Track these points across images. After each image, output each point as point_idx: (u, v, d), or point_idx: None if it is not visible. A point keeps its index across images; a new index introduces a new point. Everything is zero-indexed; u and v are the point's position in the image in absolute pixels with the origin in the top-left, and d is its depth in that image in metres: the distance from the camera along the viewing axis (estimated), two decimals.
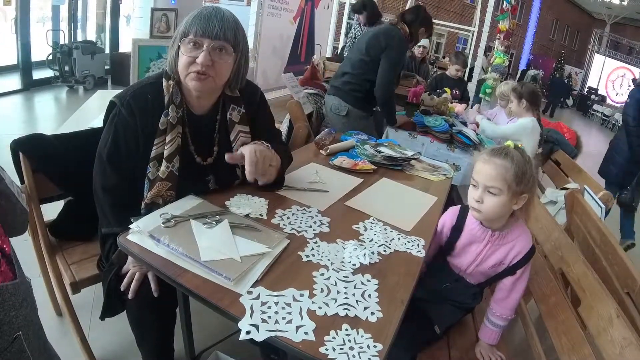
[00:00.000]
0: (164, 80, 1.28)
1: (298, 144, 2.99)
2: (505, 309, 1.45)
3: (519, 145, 1.37)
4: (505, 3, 6.35)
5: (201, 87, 1.23)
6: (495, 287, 1.51)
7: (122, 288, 1.21)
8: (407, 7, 10.35)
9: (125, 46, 7.60)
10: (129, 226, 1.09)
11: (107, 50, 7.81)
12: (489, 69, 6.25)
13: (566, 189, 2.44)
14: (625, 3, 21.04)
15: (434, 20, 3.01)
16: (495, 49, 6.32)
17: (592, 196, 2.22)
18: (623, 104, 3.98)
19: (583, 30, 26.64)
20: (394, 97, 2.86)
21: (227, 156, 1.28)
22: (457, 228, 1.47)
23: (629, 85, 20.47)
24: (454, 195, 2.75)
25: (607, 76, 22.02)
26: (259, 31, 4.11)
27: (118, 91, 1.30)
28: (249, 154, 1.23)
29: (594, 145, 10.99)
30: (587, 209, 1.92)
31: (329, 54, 5.87)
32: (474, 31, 9.46)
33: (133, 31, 2.73)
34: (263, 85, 4.51)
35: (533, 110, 2.92)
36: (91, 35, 8.02)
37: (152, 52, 2.42)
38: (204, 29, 1.19)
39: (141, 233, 1.06)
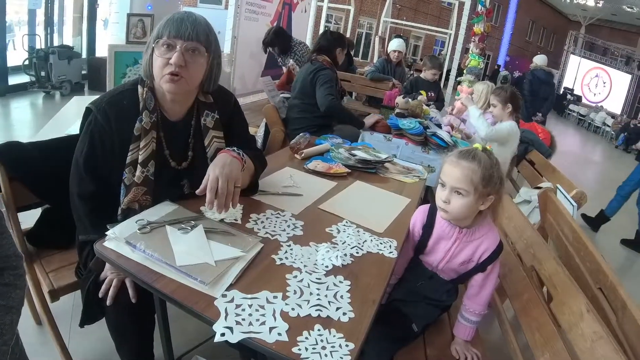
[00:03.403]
0: (139, 86, 1.31)
1: (275, 148, 3.03)
2: (477, 304, 1.51)
3: (487, 148, 1.43)
4: (480, 6, 6.48)
5: (175, 89, 1.26)
6: (467, 285, 1.56)
7: (100, 295, 1.23)
8: (385, 10, 10.53)
9: (102, 51, 7.51)
10: (106, 233, 1.11)
11: (84, 55, 7.70)
12: (464, 71, 6.37)
13: (540, 188, 2.52)
14: (600, 5, 21.67)
15: (411, 24, 3.22)
16: (470, 52, 6.45)
17: (564, 195, 2.30)
18: (598, 104, 4.37)
19: (559, 32, 27.28)
20: (339, 106, 3.03)
21: (197, 192, 1.27)
22: (429, 225, 1.51)
23: (604, 84, 21.15)
24: (430, 197, 2.81)
25: (583, 77, 22.61)
26: (236, 35, 4.12)
27: (95, 97, 1.32)
28: (210, 182, 1.22)
29: (571, 145, 11.28)
30: (559, 208, 2.00)
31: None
32: (451, 34, 9.64)
33: (109, 36, 2.73)
34: (240, 89, 4.52)
35: (515, 115, 3.01)
36: (68, 40, 7.90)
37: (129, 58, 2.43)
38: (177, 31, 1.22)
39: (117, 239, 1.08)
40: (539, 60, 6.04)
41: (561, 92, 22.14)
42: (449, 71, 7.07)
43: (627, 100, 22.91)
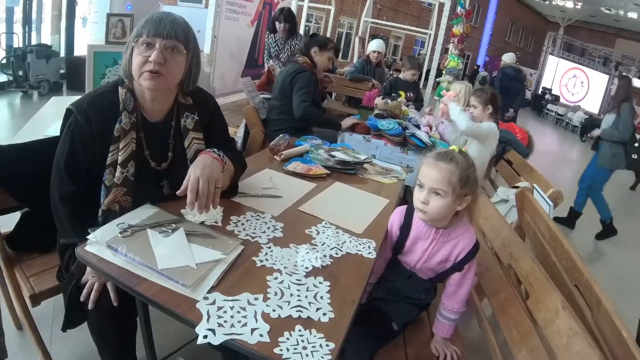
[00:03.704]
0: (119, 87, 1.32)
1: (254, 149, 3.05)
2: (455, 302, 1.55)
3: (463, 150, 1.48)
4: (459, 8, 6.60)
5: (154, 86, 1.27)
6: (445, 284, 1.61)
7: (81, 299, 1.23)
8: (365, 10, 10.59)
9: (80, 50, 7.39)
10: (87, 237, 1.11)
11: (63, 54, 7.55)
12: (444, 72, 6.48)
13: (517, 187, 2.58)
14: (578, 7, 22.24)
15: (392, 24, 3.24)
16: (449, 53, 6.56)
17: (540, 194, 2.37)
18: (575, 104, 4.54)
19: (538, 33, 27.83)
20: (314, 110, 3.04)
21: (178, 193, 1.28)
22: (406, 226, 1.55)
23: (582, 84, 21.67)
24: (408, 196, 2.86)
25: (561, 77, 23.10)
26: (216, 34, 4.11)
27: (74, 97, 1.33)
28: (191, 183, 1.23)
29: (548, 144, 11.50)
30: (536, 207, 2.06)
31: None
32: (430, 34, 9.76)
33: (88, 36, 2.70)
34: (220, 89, 4.50)
35: (495, 116, 3.07)
36: (46, 38, 7.71)
37: (108, 59, 2.40)
38: (156, 29, 1.24)
39: (99, 243, 1.09)
40: (508, 58, 6.32)
41: (539, 92, 22.62)
42: (428, 71, 7.17)
43: (604, 100, 23.47)
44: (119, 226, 1.17)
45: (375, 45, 4.88)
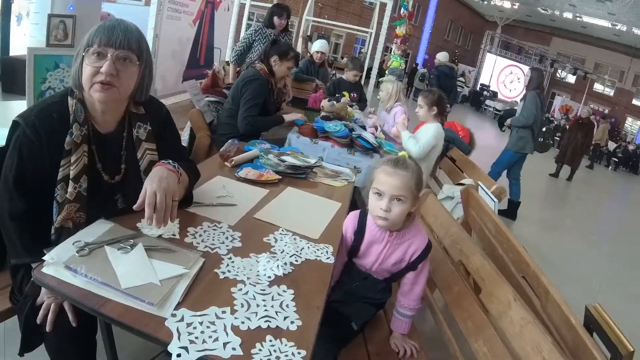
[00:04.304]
0: (69, 98, 1.26)
1: (201, 153, 3.00)
2: (411, 300, 1.63)
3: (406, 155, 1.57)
4: (402, 9, 6.80)
5: (106, 98, 1.23)
6: (400, 282, 1.68)
7: (38, 321, 1.18)
8: (307, 8, 10.62)
9: (16, 50, 6.84)
10: (43, 258, 1.06)
11: None
12: (387, 72, 6.65)
13: (462, 184, 2.71)
14: (516, 7, 23.48)
15: (334, 22, 3.25)
16: (392, 53, 6.75)
17: (485, 191, 2.51)
18: (513, 100, 4.92)
19: (476, 32, 29.10)
20: (257, 120, 3.03)
21: (135, 207, 1.24)
22: (360, 231, 1.61)
23: (518, 80, 22.97)
24: (357, 197, 2.93)
25: (498, 74, 24.36)
26: (157, 34, 3.99)
27: (9, 102, 1.26)
28: (148, 197, 1.20)
29: (488, 139, 12.08)
30: (481, 204, 2.18)
31: (228, 57, 5.84)
32: (371, 32, 9.95)
33: (28, 38, 2.51)
34: (162, 89, 4.37)
35: (440, 117, 3.20)
36: None
37: (49, 62, 2.26)
38: (108, 39, 1.20)
39: (56, 264, 1.05)
40: (442, 57, 6.69)
41: (478, 89, 23.75)
42: (370, 69, 7.32)
43: None
44: (75, 244, 1.13)
45: (318, 46, 4.93)
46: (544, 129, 5.17)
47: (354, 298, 1.64)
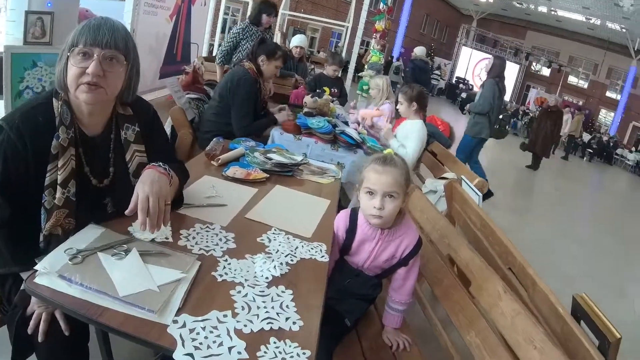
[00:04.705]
0: (54, 99, 1.22)
1: (183, 151, 2.96)
2: (402, 295, 1.65)
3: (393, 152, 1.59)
4: (381, 4, 6.82)
5: (93, 99, 1.19)
6: (391, 278, 1.69)
7: (29, 331, 1.14)
8: (283, 2, 10.53)
9: None
10: (35, 268, 1.03)
11: None
12: (366, 66, 6.69)
13: (444, 178, 2.74)
14: (491, 0, 23.77)
15: (310, 16, 3.21)
16: (371, 48, 6.80)
17: (469, 185, 2.54)
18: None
19: (452, 25, 29.30)
20: (253, 126, 3.01)
21: (126, 212, 1.21)
22: (351, 230, 1.62)
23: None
24: (340, 193, 2.94)
25: (474, 67, 24.71)
26: (134, 29, 3.90)
27: None
28: (140, 202, 1.17)
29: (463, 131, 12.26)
30: (465, 197, 2.21)
31: (205, 53, 5.77)
32: (348, 26, 9.96)
33: (4, 36, 2.39)
34: (139, 86, 4.27)
35: (421, 112, 3.22)
36: None
37: (27, 61, 2.17)
38: (94, 38, 1.16)
39: (49, 274, 1.01)
40: (419, 51, 6.87)
41: (454, 81, 24.03)
42: (347, 63, 7.33)
43: (515, 88, 25.73)
44: (67, 252, 1.09)
45: (297, 41, 4.90)
46: (500, 117, 5.31)
47: (347, 295, 1.65)
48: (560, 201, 7.84)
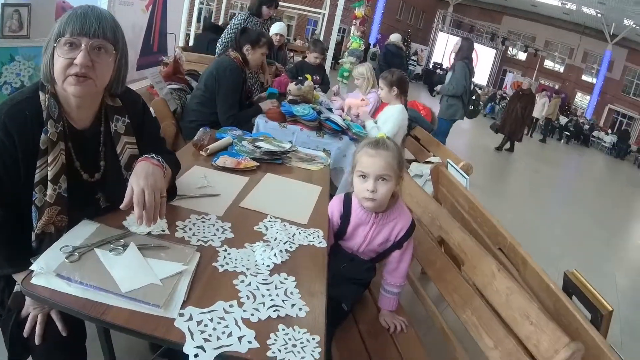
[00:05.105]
0: (40, 93, 1.17)
1: (167, 142, 2.90)
2: (397, 277, 1.67)
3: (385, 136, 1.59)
4: None
5: (81, 91, 1.14)
6: (385, 262, 1.70)
7: (25, 335, 1.11)
8: None
9: None
10: (31, 268, 0.99)
11: None
12: (346, 53, 6.69)
13: (429, 162, 2.76)
14: None
15: (286, 4, 3.16)
16: (351, 35, 6.81)
17: (455, 168, 2.56)
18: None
19: (428, 11, 29.10)
20: (239, 115, 2.97)
21: (122, 207, 1.18)
22: (346, 215, 1.62)
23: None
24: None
25: (450, 52, 24.84)
26: None
27: None
28: (136, 196, 1.14)
29: None
30: (452, 181, 2.22)
31: (182, 43, 5.66)
32: (324, 13, 9.87)
33: None
34: None
35: (402, 97, 3.21)
36: None
37: (4, 55, 2.07)
38: (81, 28, 1.10)
39: (47, 274, 0.98)
40: (395, 37, 7.12)
41: (431, 67, 24.10)
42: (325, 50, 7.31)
43: (492, 73, 25.96)
44: (63, 250, 1.06)
45: (277, 29, 4.83)
46: (473, 97, 5.39)
47: (342, 280, 1.65)
48: (540, 183, 8.00)
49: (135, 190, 1.14)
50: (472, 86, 5.21)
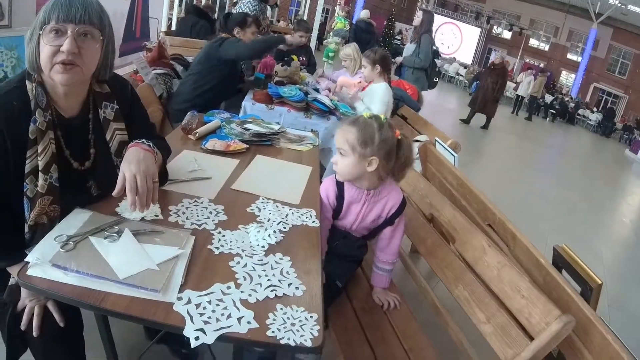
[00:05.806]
0: (27, 82, 1.15)
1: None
2: (389, 254, 1.69)
3: (381, 117, 1.56)
4: None
5: (69, 79, 1.12)
6: (377, 239, 1.72)
7: (22, 328, 1.11)
8: None
9: None
10: (26, 259, 0.99)
11: None
12: (331, 33, 6.65)
13: (418, 140, 2.76)
14: None
15: None
16: (336, 15, 6.78)
17: (443, 146, 2.57)
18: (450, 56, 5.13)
19: None
20: (257, 42, 3.04)
21: (114, 194, 1.17)
22: (340, 195, 1.63)
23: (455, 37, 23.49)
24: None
25: (435, 31, 24.71)
26: None
27: None
28: (128, 182, 1.13)
29: (430, 95, 12.37)
30: (440, 159, 2.24)
31: (164, 27, 5.54)
32: None
33: None
34: None
35: (385, 75, 3.20)
36: None
37: None
38: (67, 14, 1.08)
39: (42, 264, 0.98)
40: (364, 14, 7.20)
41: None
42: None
43: (477, 52, 25.96)
44: (57, 239, 1.06)
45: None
46: (436, 69, 5.45)
47: (335, 257, 1.67)
48: (527, 161, 8.07)
49: (127, 177, 1.14)
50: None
